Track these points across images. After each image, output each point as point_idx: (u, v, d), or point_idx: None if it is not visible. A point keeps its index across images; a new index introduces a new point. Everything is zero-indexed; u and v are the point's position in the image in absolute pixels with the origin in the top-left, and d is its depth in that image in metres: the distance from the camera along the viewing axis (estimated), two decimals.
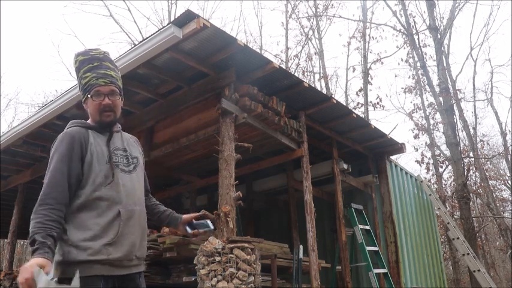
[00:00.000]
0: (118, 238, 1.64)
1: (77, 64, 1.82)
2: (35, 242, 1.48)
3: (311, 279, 4.94)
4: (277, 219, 8.32)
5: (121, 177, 1.75)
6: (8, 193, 8.16)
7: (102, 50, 1.87)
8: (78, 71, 1.82)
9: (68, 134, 1.73)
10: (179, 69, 4.61)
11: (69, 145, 1.69)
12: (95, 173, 1.69)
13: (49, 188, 1.61)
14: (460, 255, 8.60)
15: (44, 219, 1.53)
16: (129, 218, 1.70)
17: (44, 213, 1.54)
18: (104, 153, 1.74)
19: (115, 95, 1.80)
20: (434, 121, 14.86)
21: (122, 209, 1.68)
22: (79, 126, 1.79)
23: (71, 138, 1.71)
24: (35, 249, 1.47)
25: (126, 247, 1.67)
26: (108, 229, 1.64)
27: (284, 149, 5.69)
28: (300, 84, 4.95)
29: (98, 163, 1.70)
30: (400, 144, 6.90)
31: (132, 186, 1.78)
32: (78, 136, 1.72)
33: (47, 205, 1.56)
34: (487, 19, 29.28)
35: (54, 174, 1.64)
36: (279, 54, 17.01)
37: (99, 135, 1.79)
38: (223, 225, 4.03)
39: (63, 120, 5.29)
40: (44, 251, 1.46)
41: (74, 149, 1.68)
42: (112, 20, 21.42)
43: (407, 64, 14.92)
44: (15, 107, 34.13)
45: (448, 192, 15.01)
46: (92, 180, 1.68)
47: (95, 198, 1.66)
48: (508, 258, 15.75)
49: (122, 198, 1.70)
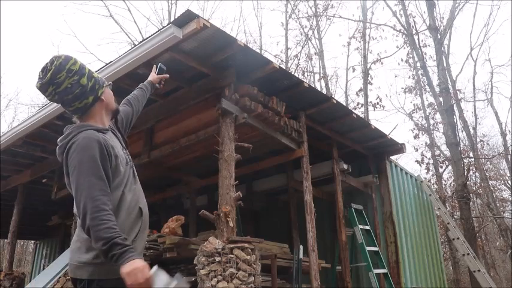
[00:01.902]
0: (139, 233, 1.70)
1: (77, 66, 1.74)
2: (116, 245, 1.42)
3: (311, 280, 4.93)
4: (277, 219, 8.32)
5: (134, 178, 1.83)
6: (8, 193, 8.17)
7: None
8: (83, 69, 1.76)
9: (93, 139, 1.63)
10: (179, 69, 4.61)
11: (99, 149, 1.61)
12: (121, 176, 1.69)
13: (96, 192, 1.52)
14: (460, 256, 8.61)
15: (111, 224, 1.46)
16: (145, 214, 1.76)
17: (108, 218, 1.47)
18: (123, 156, 1.77)
19: None
20: (434, 121, 14.88)
21: (142, 206, 1.75)
22: (93, 129, 1.70)
23: (97, 142, 1.62)
24: (123, 251, 1.41)
25: (143, 241, 1.74)
26: (133, 227, 1.69)
27: (284, 149, 5.69)
28: (300, 84, 4.95)
29: (122, 166, 1.71)
30: (400, 145, 6.90)
31: (138, 182, 1.85)
32: (101, 140, 1.65)
33: (105, 211, 1.49)
34: (487, 19, 29.14)
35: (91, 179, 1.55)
36: (279, 55, 17.01)
37: (111, 138, 1.78)
38: (223, 225, 4.03)
39: (63, 120, 5.29)
40: (135, 254, 1.43)
41: (103, 153, 1.62)
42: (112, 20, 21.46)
43: (407, 64, 14.94)
44: (15, 107, 34.18)
45: (448, 193, 15.02)
46: (118, 183, 1.67)
47: (123, 200, 1.67)
48: (508, 258, 15.75)
49: (139, 197, 1.78)
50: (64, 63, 1.70)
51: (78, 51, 37.97)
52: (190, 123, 5.23)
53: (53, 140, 6.43)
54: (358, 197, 7.08)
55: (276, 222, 8.25)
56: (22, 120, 5.85)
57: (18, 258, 20.38)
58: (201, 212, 4.14)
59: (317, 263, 5.03)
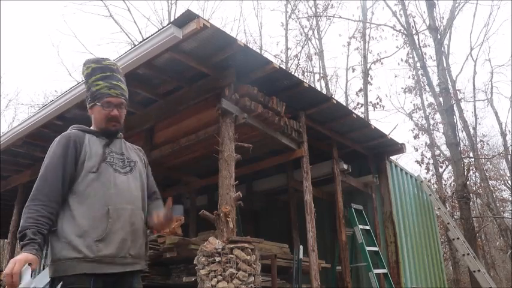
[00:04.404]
0: (107, 235, 1.66)
1: (89, 70, 1.88)
2: (25, 236, 1.52)
3: (311, 280, 4.94)
4: (277, 219, 8.32)
5: (115, 177, 1.77)
6: (8, 193, 8.16)
7: (113, 61, 1.95)
8: (89, 77, 1.88)
9: (64, 135, 1.81)
10: (179, 69, 4.61)
11: (64, 145, 1.76)
12: (86, 170, 1.73)
13: (41, 184, 1.66)
14: (460, 256, 8.61)
15: (35, 215, 1.57)
16: (118, 216, 1.71)
17: (35, 208, 1.59)
18: (98, 153, 1.79)
19: (123, 108, 1.89)
20: (434, 121, 14.89)
21: (111, 207, 1.70)
22: (77, 129, 1.87)
23: (67, 139, 1.78)
24: (25, 244, 1.51)
25: (116, 244, 1.68)
26: (97, 225, 1.66)
27: (284, 149, 5.69)
28: (300, 84, 4.95)
29: (90, 161, 1.75)
30: (400, 145, 6.90)
31: (127, 187, 1.80)
32: (73, 137, 1.79)
33: (39, 201, 1.61)
34: (487, 19, 29.12)
35: (47, 171, 1.70)
36: (279, 55, 17.01)
37: (97, 139, 1.84)
38: (223, 225, 4.03)
39: (63, 120, 5.29)
40: (33, 248, 1.50)
41: (68, 149, 1.75)
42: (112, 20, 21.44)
43: (407, 64, 14.95)
44: (15, 108, 34.11)
45: (448, 193, 15.02)
46: (83, 176, 1.72)
47: (86, 195, 1.69)
48: (508, 258, 15.75)
49: (113, 197, 1.73)
50: (85, 64, 1.91)
51: (78, 51, 38.06)
52: (190, 123, 5.23)
53: (52, 140, 6.43)
54: (358, 197, 7.07)
55: (276, 222, 8.25)
56: (22, 120, 5.85)
57: None
58: (201, 212, 4.15)
59: (317, 263, 5.03)
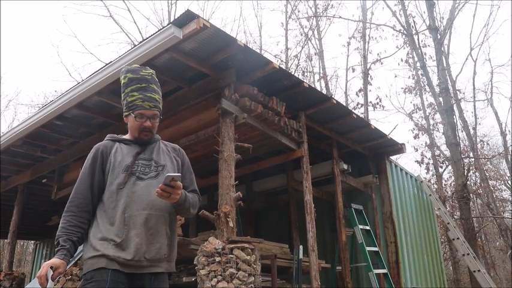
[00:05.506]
0: (124, 241, 1.76)
1: (126, 80, 1.96)
2: (58, 244, 1.73)
3: (311, 280, 4.94)
4: (277, 219, 8.32)
5: (135, 185, 1.84)
6: (8, 193, 8.17)
7: (151, 71, 2.00)
8: (126, 87, 1.96)
9: (95, 147, 1.96)
10: (179, 69, 4.61)
11: (93, 156, 1.91)
12: (110, 181, 1.86)
13: (73, 196, 1.85)
14: (460, 256, 8.61)
15: (66, 225, 1.77)
16: (134, 223, 1.78)
17: (67, 219, 1.79)
18: (122, 163, 1.87)
19: (156, 118, 1.99)
20: (434, 121, 14.86)
21: (127, 215, 1.79)
22: (109, 139, 2.00)
23: (96, 151, 1.93)
24: (56, 250, 1.72)
25: (133, 249, 1.76)
26: (116, 232, 1.77)
27: (284, 149, 5.69)
28: (300, 84, 4.95)
29: (114, 172, 1.86)
30: (400, 145, 6.90)
31: (146, 192, 1.84)
32: (102, 148, 1.93)
33: (71, 212, 1.81)
34: (487, 19, 29.19)
35: (78, 184, 1.87)
36: (279, 55, 17.00)
37: (127, 147, 1.94)
38: (223, 225, 4.03)
39: (63, 120, 5.28)
40: (62, 253, 1.70)
41: (97, 159, 1.90)
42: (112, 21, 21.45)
43: (407, 64, 14.92)
44: (15, 108, 34.16)
45: (448, 193, 15.02)
46: (108, 186, 1.85)
47: (109, 203, 1.82)
48: (508, 258, 15.75)
49: (130, 205, 1.81)
50: (123, 73, 1.99)
51: (78, 52, 38.03)
52: (190, 123, 5.23)
53: (52, 140, 6.42)
54: (358, 197, 7.08)
55: (276, 222, 8.25)
56: (22, 121, 5.85)
57: (18, 258, 20.36)
58: (201, 212, 4.14)
59: (317, 263, 5.03)
